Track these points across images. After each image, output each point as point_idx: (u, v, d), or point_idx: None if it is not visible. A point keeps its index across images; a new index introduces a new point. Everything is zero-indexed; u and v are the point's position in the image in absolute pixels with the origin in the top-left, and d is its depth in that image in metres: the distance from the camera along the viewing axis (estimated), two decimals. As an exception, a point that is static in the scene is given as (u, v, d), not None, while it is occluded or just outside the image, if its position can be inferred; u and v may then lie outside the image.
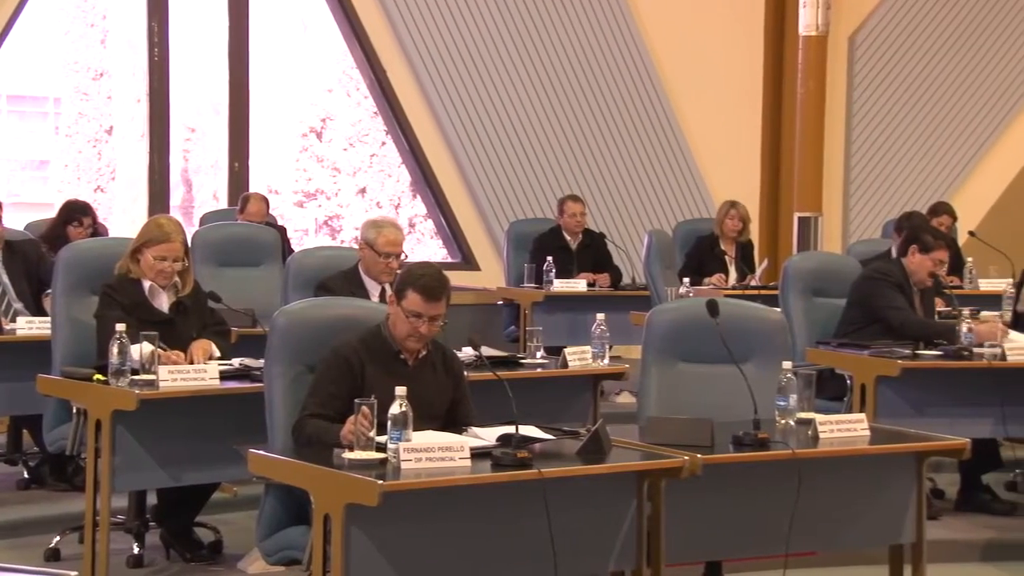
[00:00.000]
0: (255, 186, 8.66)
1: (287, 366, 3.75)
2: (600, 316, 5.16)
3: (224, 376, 4.35)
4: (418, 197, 9.42)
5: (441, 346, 3.84)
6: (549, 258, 7.48)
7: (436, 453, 3.26)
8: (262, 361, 3.93)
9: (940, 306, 6.01)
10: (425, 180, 9.20)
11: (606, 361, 5.13)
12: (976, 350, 5.27)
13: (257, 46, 8.90)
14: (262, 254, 6.33)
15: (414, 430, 3.35)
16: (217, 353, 4.55)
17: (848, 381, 5.35)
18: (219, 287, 5.07)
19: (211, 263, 6.10)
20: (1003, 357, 5.23)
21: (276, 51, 9.19)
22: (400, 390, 3.33)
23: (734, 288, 7.33)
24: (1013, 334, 5.40)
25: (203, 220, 8.01)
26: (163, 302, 4.63)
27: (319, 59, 9.36)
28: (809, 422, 3.86)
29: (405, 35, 8.94)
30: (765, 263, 7.76)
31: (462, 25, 9.10)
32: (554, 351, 5.17)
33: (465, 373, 3.87)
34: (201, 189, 10.55)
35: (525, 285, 7.57)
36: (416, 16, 8.95)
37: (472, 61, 9.12)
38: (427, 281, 3.67)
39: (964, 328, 5.32)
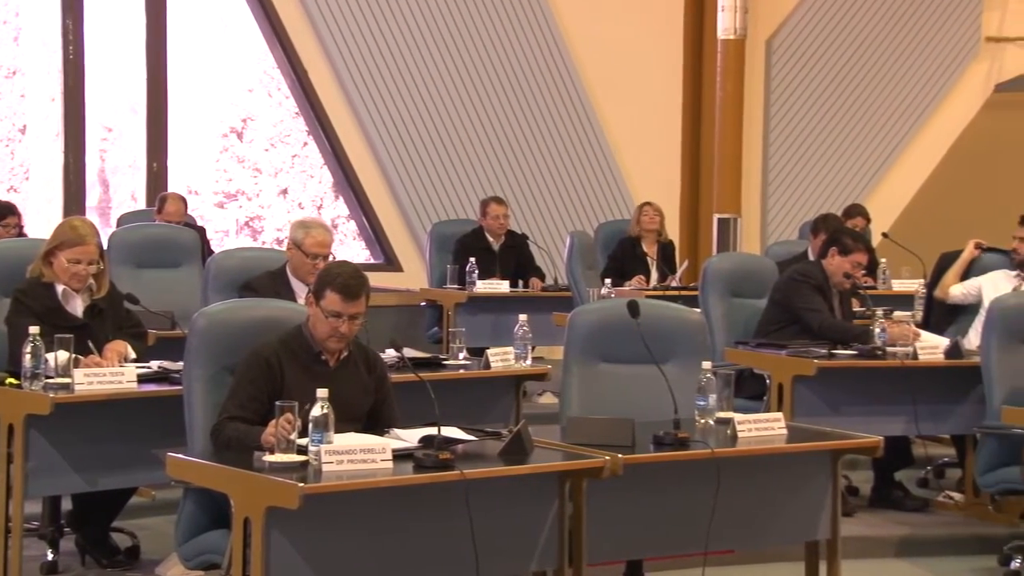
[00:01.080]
0: (174, 186, 8.55)
1: (206, 368, 3.71)
2: (522, 317, 5.18)
3: (142, 379, 4.28)
4: (340, 198, 9.38)
5: (364, 347, 3.82)
6: (472, 259, 7.48)
7: (358, 455, 3.25)
8: (181, 364, 3.88)
9: (855, 306, 6.12)
10: (347, 181, 9.16)
11: (528, 362, 5.16)
12: (890, 349, 5.37)
13: (175, 44, 8.79)
14: (181, 255, 6.25)
15: (336, 432, 3.34)
16: (132, 355, 4.47)
17: (766, 381, 5.43)
18: (137, 289, 5.00)
19: (129, 264, 6.01)
20: (915, 356, 5.34)
21: (195, 50, 9.08)
22: (321, 392, 3.32)
23: (655, 289, 7.40)
24: (924, 334, 5.52)
25: (120, 221, 7.89)
26: (77, 306, 4.54)
27: (239, 58, 9.27)
28: (728, 421, 3.90)
29: (326, 35, 8.89)
30: (686, 264, 7.84)
31: (384, 26, 9.07)
32: (477, 352, 5.18)
33: (389, 374, 3.86)
34: (119, 189, 10.41)
35: (448, 286, 7.56)
36: (337, 16, 8.90)
37: (394, 62, 9.09)
38: (345, 280, 3.65)
39: (877, 328, 5.43)
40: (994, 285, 6.03)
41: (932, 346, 5.42)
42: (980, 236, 6.49)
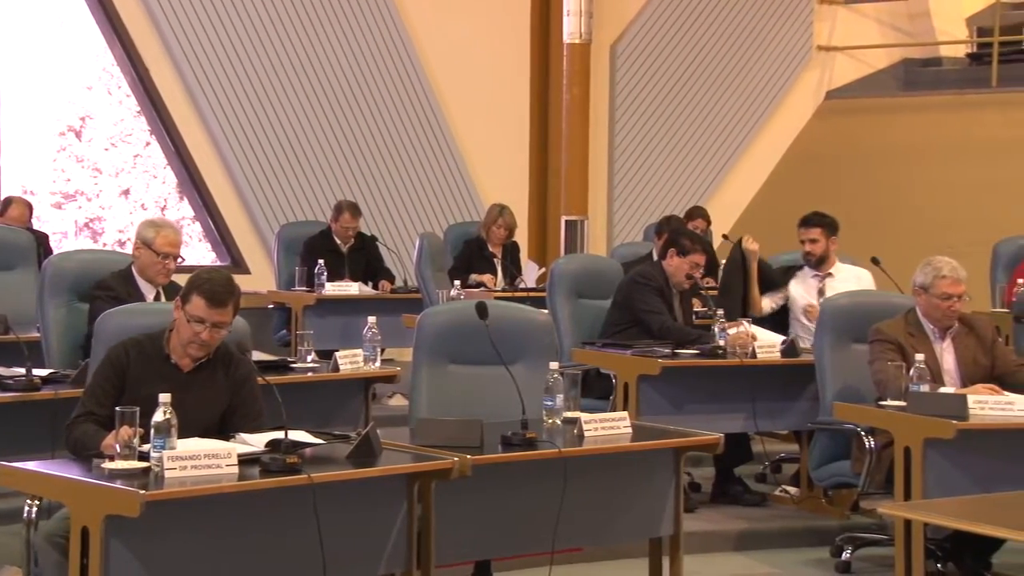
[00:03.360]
0: (9, 188, 8.25)
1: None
2: (371, 319, 5.16)
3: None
4: (185, 199, 9.20)
5: (230, 351, 3.74)
6: (320, 261, 7.43)
7: (202, 461, 3.20)
8: (16, 369, 3.76)
9: (697, 306, 6.28)
10: (192, 182, 8.98)
11: (378, 364, 5.15)
12: (730, 349, 5.53)
13: (7, 41, 8.49)
14: (16, 258, 6.03)
15: (186, 437, 3.28)
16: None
17: (613, 380, 5.53)
18: (-31, 293, 4.82)
19: (-39, 268, 5.79)
20: (754, 355, 5.51)
21: (29, 46, 8.79)
22: (164, 397, 3.26)
23: (504, 290, 7.46)
24: (762, 334, 5.69)
25: (-47, 223, 7.57)
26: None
27: (77, 55, 8.99)
28: (575, 421, 3.96)
29: (168, 32, 8.70)
30: (543, 270, 7.87)
31: (229, 23, 8.93)
32: (326, 355, 5.14)
33: (257, 379, 3.78)
34: (-51, 190, 10.03)
35: (296, 289, 7.49)
36: (179, 12, 8.73)
37: (240, 62, 8.96)
38: (213, 286, 3.60)
39: (717, 328, 5.58)
40: (798, 287, 6.29)
41: (769, 345, 5.60)
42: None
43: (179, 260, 4.91)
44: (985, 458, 4.34)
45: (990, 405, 4.41)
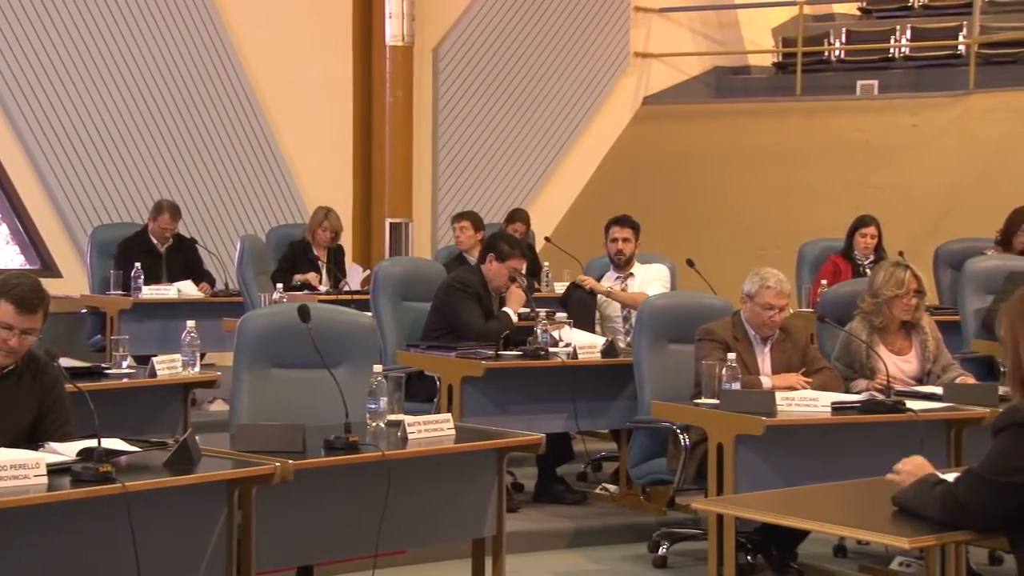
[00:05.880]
0: None
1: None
2: (190, 323, 5.07)
3: None
4: (-10, 199, 8.85)
5: (37, 358, 3.62)
6: (137, 264, 7.23)
7: (8, 471, 3.08)
8: None
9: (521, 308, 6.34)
10: (-2, 182, 8.64)
11: (197, 369, 5.06)
12: (552, 349, 5.62)
13: None
14: None
15: (-7, 448, 3.16)
16: None
17: (437, 382, 5.55)
18: None
19: None
20: (575, 356, 5.61)
21: None
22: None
23: (328, 293, 7.41)
24: (578, 334, 5.80)
25: None
26: None
27: None
28: (399, 423, 3.97)
29: (-28, 26, 8.35)
30: (367, 273, 7.85)
31: (36, 19, 8.62)
32: (143, 360, 5.03)
33: (64, 385, 3.66)
34: None
35: (111, 292, 7.27)
36: (-15, 6, 8.38)
37: (50, 58, 8.65)
38: (22, 291, 3.49)
39: (539, 329, 5.67)
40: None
41: (590, 345, 5.71)
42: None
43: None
44: (792, 453, 4.52)
45: (796, 401, 4.59)
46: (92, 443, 3.29)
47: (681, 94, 11.76)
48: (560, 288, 7.81)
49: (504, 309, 5.88)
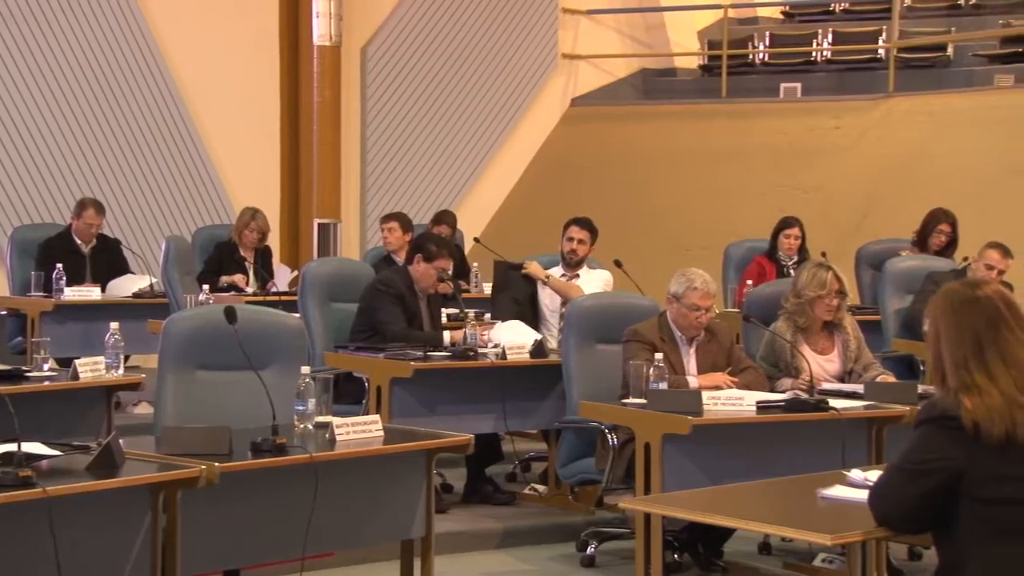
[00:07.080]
0: None
1: None
2: (114, 325, 5.00)
3: None
4: (-94, 199, 8.66)
5: None
6: (59, 265, 7.12)
7: (-74, 478, 3.03)
8: None
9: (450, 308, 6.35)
10: (-86, 180, 8.45)
11: (121, 371, 4.99)
12: (481, 350, 5.63)
13: None
14: None
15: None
16: None
17: (365, 384, 5.53)
18: None
19: None
20: (504, 356, 5.63)
21: None
22: None
23: (255, 295, 7.35)
24: (505, 333, 5.82)
25: None
26: None
27: None
28: (327, 425, 3.95)
29: None
30: (295, 274, 7.79)
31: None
32: (66, 362, 4.96)
33: None
34: None
35: (32, 294, 7.15)
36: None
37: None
38: None
39: (468, 330, 5.67)
40: (544, 288, 6.52)
41: (519, 346, 5.73)
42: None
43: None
44: (719, 452, 4.57)
45: (722, 401, 4.65)
46: (12, 447, 3.24)
47: (608, 95, 11.84)
48: (488, 289, 7.84)
49: (436, 331, 5.88)
